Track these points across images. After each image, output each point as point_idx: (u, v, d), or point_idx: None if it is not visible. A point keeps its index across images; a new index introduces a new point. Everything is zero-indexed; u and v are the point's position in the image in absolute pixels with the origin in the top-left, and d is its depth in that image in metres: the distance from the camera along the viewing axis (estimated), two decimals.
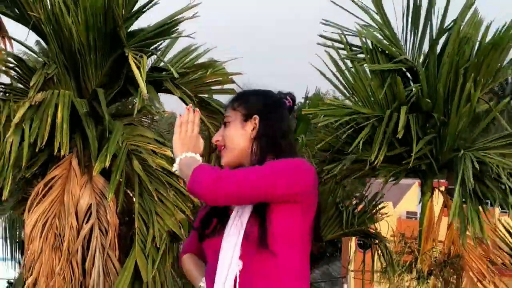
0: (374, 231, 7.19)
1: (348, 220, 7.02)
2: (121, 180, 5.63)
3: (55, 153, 5.51)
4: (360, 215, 7.21)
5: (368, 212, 7.33)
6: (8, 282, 13.25)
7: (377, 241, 7.36)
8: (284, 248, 1.58)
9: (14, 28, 8.70)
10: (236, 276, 1.60)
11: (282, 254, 1.57)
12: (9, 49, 7.86)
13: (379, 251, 7.14)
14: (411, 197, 19.02)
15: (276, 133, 1.68)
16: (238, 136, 1.71)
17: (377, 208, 6.91)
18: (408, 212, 19.02)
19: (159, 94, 7.33)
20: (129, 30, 6.00)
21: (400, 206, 16.81)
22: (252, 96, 1.79)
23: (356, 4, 6.78)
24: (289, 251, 1.59)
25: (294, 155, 1.72)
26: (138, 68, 5.08)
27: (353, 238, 7.89)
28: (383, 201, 6.91)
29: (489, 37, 6.76)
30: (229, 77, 6.05)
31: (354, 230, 7.48)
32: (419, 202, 7.38)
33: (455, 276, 6.55)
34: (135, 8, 5.91)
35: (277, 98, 1.77)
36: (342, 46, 6.67)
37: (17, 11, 6.04)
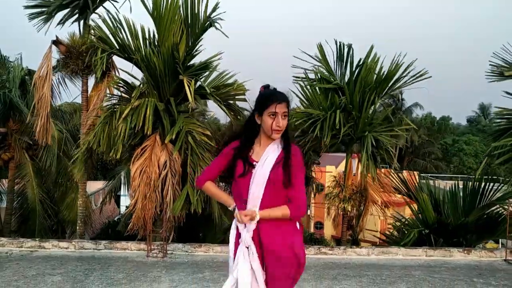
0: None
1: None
2: (182, 146, 7.71)
3: (146, 133, 7.62)
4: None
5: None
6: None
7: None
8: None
9: (121, 63, 11.15)
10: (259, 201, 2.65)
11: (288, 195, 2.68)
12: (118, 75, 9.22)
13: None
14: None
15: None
16: (286, 124, 2.73)
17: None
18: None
19: (204, 100, 9.39)
20: (187, 64, 8.10)
21: (340, 167, 21.94)
22: (289, 100, 2.76)
23: (309, 55, 9.07)
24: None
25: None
26: (189, 87, 7.35)
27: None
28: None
29: (384, 69, 8.93)
30: (245, 91, 8.32)
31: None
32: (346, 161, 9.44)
33: (364, 199, 9.12)
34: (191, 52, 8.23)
35: None
36: (304, 77, 9.14)
37: (125, 54, 8.28)
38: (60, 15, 9.89)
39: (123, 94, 8.50)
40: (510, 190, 8.79)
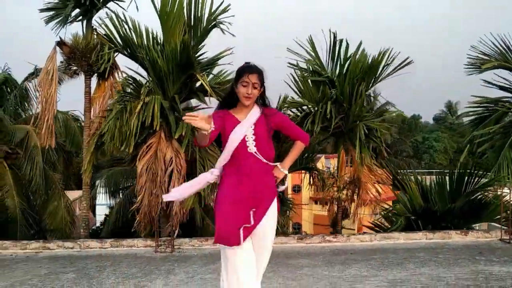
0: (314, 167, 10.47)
1: (302, 162, 9.93)
2: (189, 142, 7.76)
3: (153, 129, 7.73)
4: (309, 160, 10.22)
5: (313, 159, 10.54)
6: None
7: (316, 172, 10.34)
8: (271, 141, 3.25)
9: (125, 63, 10.30)
10: (253, 151, 3.16)
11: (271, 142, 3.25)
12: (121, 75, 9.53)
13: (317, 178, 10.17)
14: None
15: (264, 92, 3.26)
16: (257, 93, 3.17)
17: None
18: None
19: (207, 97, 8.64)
20: (196, 61, 8.18)
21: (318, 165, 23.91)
22: (263, 73, 3.22)
23: (303, 47, 9.21)
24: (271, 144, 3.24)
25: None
26: (203, 80, 7.55)
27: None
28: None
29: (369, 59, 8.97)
30: None
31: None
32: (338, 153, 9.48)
33: (356, 189, 9.24)
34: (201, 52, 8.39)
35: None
36: (297, 69, 9.26)
37: (129, 51, 8.32)
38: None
39: (132, 91, 8.59)
40: (492, 177, 9.16)
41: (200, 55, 8.47)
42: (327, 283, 5.04)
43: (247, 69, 3.18)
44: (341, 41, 9.09)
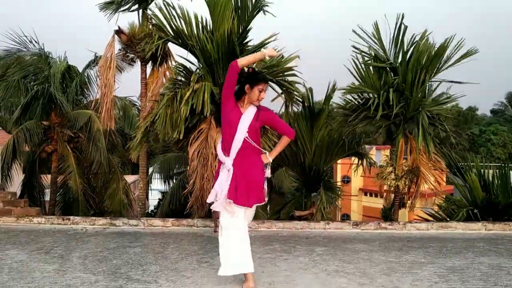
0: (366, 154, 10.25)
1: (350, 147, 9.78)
2: None
3: (204, 115, 7.82)
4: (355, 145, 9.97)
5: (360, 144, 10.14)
6: None
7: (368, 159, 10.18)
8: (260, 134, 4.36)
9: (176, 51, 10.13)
10: (246, 137, 4.22)
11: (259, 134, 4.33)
12: (174, 63, 9.82)
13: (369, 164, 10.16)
14: None
15: None
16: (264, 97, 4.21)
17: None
18: None
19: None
20: (242, 48, 8.31)
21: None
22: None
23: (366, 34, 9.21)
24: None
25: None
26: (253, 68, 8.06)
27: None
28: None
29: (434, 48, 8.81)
30: (292, 67, 8.30)
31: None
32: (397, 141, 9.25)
33: (415, 178, 9.14)
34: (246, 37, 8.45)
35: None
36: (360, 55, 9.17)
37: (180, 41, 8.48)
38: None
39: (182, 79, 8.74)
40: None
41: (248, 41, 8.60)
42: (384, 267, 5.12)
43: (264, 79, 4.32)
44: (406, 27, 9.03)
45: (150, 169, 21.03)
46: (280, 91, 8.54)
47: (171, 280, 4.54)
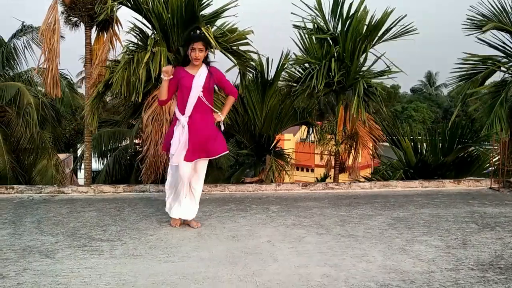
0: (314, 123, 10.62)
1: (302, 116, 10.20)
2: None
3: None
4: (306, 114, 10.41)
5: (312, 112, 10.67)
6: None
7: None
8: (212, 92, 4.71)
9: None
10: (200, 96, 4.56)
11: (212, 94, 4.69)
12: (125, 28, 10.07)
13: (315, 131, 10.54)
14: None
15: (208, 54, 4.68)
16: (203, 56, 4.52)
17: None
18: None
19: None
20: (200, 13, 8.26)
21: (297, 135, 21.56)
22: (206, 39, 4.69)
23: (308, 6, 9.56)
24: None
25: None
26: (208, 34, 7.66)
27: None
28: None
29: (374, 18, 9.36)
30: (245, 36, 8.71)
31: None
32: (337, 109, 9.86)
33: (354, 143, 9.80)
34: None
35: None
36: (303, 26, 9.62)
37: (133, 3, 8.37)
38: None
39: (139, 42, 8.74)
40: (485, 133, 9.65)
41: (205, 7, 8.60)
42: (337, 220, 5.44)
43: (193, 38, 4.57)
44: None
45: (82, 148, 20.27)
46: (236, 61, 8.71)
47: (135, 237, 4.56)
